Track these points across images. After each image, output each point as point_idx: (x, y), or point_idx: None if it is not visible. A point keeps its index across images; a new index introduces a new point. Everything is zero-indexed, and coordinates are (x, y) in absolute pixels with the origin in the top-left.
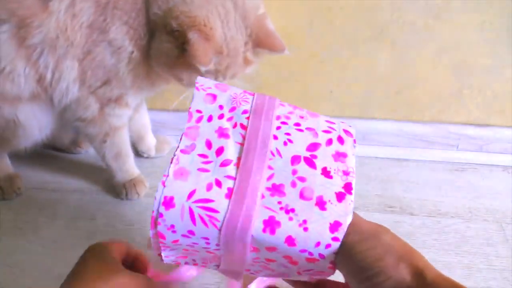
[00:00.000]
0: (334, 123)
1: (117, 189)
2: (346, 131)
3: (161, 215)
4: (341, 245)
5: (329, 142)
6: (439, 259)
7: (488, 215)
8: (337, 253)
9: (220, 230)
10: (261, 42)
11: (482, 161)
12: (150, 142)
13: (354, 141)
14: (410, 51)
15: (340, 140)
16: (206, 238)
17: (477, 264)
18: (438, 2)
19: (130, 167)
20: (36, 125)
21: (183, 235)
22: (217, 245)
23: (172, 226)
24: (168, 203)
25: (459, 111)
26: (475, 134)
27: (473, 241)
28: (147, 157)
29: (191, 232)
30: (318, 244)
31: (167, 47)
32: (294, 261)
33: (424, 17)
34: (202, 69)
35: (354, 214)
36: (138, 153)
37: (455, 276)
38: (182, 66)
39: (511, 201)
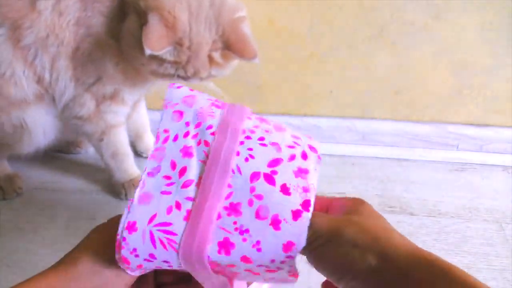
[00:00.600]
0: (299, 138)
1: (116, 188)
2: (311, 147)
3: (124, 239)
4: (308, 251)
5: (292, 157)
6: None
7: (488, 215)
8: (306, 256)
9: (178, 252)
10: (231, 44)
11: (482, 161)
12: (148, 142)
13: (319, 156)
14: (410, 51)
15: (304, 155)
16: (167, 262)
17: (477, 264)
18: (438, 2)
19: (129, 166)
20: (41, 129)
21: (145, 259)
22: (179, 267)
23: (135, 249)
24: (131, 227)
25: (459, 111)
26: (475, 134)
27: (473, 241)
28: (146, 157)
29: (152, 256)
30: (273, 261)
31: (133, 27)
32: (256, 273)
33: (424, 17)
34: (148, 52)
35: (317, 215)
36: (137, 153)
37: None
38: (140, 49)
39: (511, 201)
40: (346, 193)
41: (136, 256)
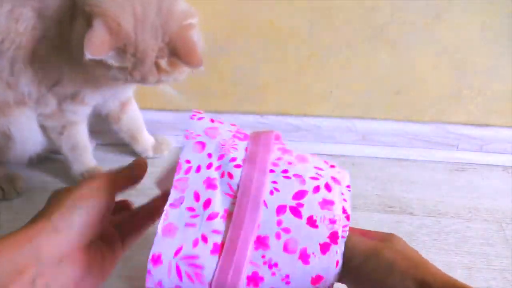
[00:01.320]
0: (322, 169)
1: (75, 178)
2: (334, 178)
3: (149, 271)
4: (346, 270)
5: (316, 189)
6: (439, 259)
7: (488, 215)
8: (344, 277)
9: (209, 285)
10: (177, 52)
11: (482, 161)
12: (145, 142)
13: (348, 186)
14: (410, 51)
15: (328, 187)
16: None
17: (477, 264)
18: (438, 2)
19: (87, 159)
20: (27, 134)
21: None
22: None
23: (160, 282)
24: (156, 260)
25: (459, 111)
26: (475, 134)
27: (473, 241)
28: (145, 157)
29: None
30: None
31: (81, 32)
32: None
33: (424, 17)
34: (88, 56)
35: (354, 234)
36: (136, 154)
37: (455, 276)
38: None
39: (511, 201)
40: None
41: (161, 287)
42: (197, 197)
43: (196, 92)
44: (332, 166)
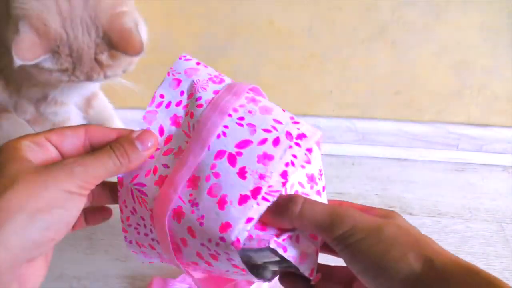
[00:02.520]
0: (281, 123)
1: None
2: (289, 133)
3: (119, 191)
4: (344, 245)
5: (263, 142)
6: None
7: (488, 215)
8: (342, 252)
9: (150, 211)
10: (114, 44)
11: (482, 161)
12: None
13: (318, 143)
14: (410, 51)
15: (276, 142)
16: (143, 219)
17: (477, 264)
18: (438, 2)
19: None
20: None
21: (131, 211)
22: (150, 230)
23: (124, 201)
24: (120, 182)
25: (459, 111)
26: (475, 134)
27: (473, 241)
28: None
29: (134, 210)
30: (209, 240)
31: (12, 39)
32: (207, 261)
33: (424, 17)
34: (18, 62)
35: (356, 212)
36: None
37: None
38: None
39: (511, 201)
40: (346, 193)
41: (126, 206)
42: (161, 131)
43: None
44: (296, 122)
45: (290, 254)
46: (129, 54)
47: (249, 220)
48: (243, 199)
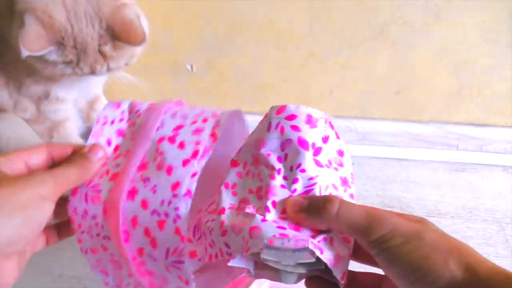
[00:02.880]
0: (205, 112)
1: None
2: (214, 114)
3: (68, 201)
4: (383, 250)
5: (194, 122)
6: None
7: (488, 215)
8: (378, 256)
9: (103, 203)
10: (117, 35)
11: (482, 161)
12: None
13: (341, 153)
14: (410, 51)
15: (204, 120)
16: (95, 217)
17: None
18: (438, 2)
19: None
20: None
21: (82, 216)
22: (102, 226)
23: (75, 209)
24: (74, 192)
25: (459, 111)
26: (475, 134)
27: (473, 241)
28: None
29: (85, 212)
30: (162, 202)
31: (17, 34)
32: (152, 238)
33: (424, 17)
34: (25, 53)
35: (393, 215)
36: None
37: None
38: (35, 56)
39: (511, 201)
40: None
41: (76, 213)
42: (109, 143)
43: (196, 92)
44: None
45: (326, 256)
46: (132, 44)
47: (193, 175)
48: (185, 162)
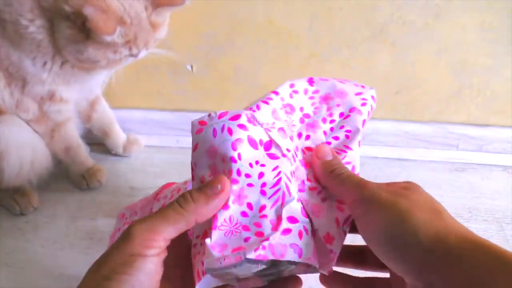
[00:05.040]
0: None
1: (75, 180)
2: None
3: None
4: (364, 212)
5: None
6: None
7: (488, 215)
8: (360, 221)
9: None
10: (159, 1)
11: (482, 161)
12: (116, 139)
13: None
14: (410, 51)
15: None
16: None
17: None
18: (438, 2)
19: (84, 158)
20: (21, 150)
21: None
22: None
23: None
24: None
25: (459, 111)
26: (475, 134)
27: None
28: (115, 154)
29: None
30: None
31: (71, 34)
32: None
33: (424, 17)
34: (108, 38)
35: (377, 186)
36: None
37: None
38: (92, 47)
39: (511, 201)
40: None
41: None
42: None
43: (196, 92)
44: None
45: (290, 255)
46: (175, 5)
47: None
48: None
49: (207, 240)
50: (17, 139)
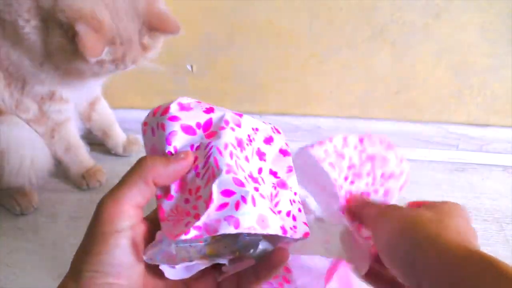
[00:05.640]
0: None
1: (75, 180)
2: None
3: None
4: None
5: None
6: None
7: (488, 215)
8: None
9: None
10: (154, 26)
11: (482, 161)
12: (116, 139)
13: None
14: (410, 51)
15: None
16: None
17: None
18: (438, 2)
19: (84, 158)
20: (21, 150)
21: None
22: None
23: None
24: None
25: (459, 111)
26: (475, 134)
27: None
28: (114, 154)
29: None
30: None
31: (61, 42)
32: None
33: (424, 17)
34: (92, 60)
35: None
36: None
37: None
38: (79, 60)
39: (511, 201)
40: None
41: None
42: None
43: (196, 92)
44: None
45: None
46: (170, 33)
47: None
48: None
49: (158, 233)
50: (17, 139)
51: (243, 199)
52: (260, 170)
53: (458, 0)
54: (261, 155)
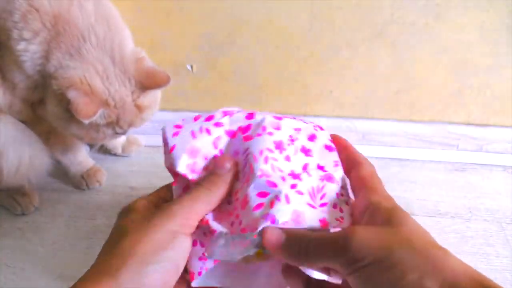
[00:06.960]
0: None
1: (75, 181)
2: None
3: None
4: (356, 270)
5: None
6: None
7: (488, 215)
8: (353, 278)
9: None
10: (146, 86)
11: (482, 161)
12: (116, 140)
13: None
14: (410, 51)
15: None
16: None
17: (477, 264)
18: (438, 2)
19: (83, 158)
20: (18, 148)
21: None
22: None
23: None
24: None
25: (459, 111)
26: (475, 134)
27: (473, 241)
28: (114, 154)
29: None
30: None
31: (58, 111)
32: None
33: (424, 17)
34: (85, 121)
35: (363, 228)
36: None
37: None
38: (76, 126)
39: (511, 201)
40: None
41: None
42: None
43: (196, 92)
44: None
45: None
46: (161, 87)
47: None
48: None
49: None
50: (14, 137)
51: (277, 198)
52: (305, 166)
53: (458, 0)
54: (306, 151)
